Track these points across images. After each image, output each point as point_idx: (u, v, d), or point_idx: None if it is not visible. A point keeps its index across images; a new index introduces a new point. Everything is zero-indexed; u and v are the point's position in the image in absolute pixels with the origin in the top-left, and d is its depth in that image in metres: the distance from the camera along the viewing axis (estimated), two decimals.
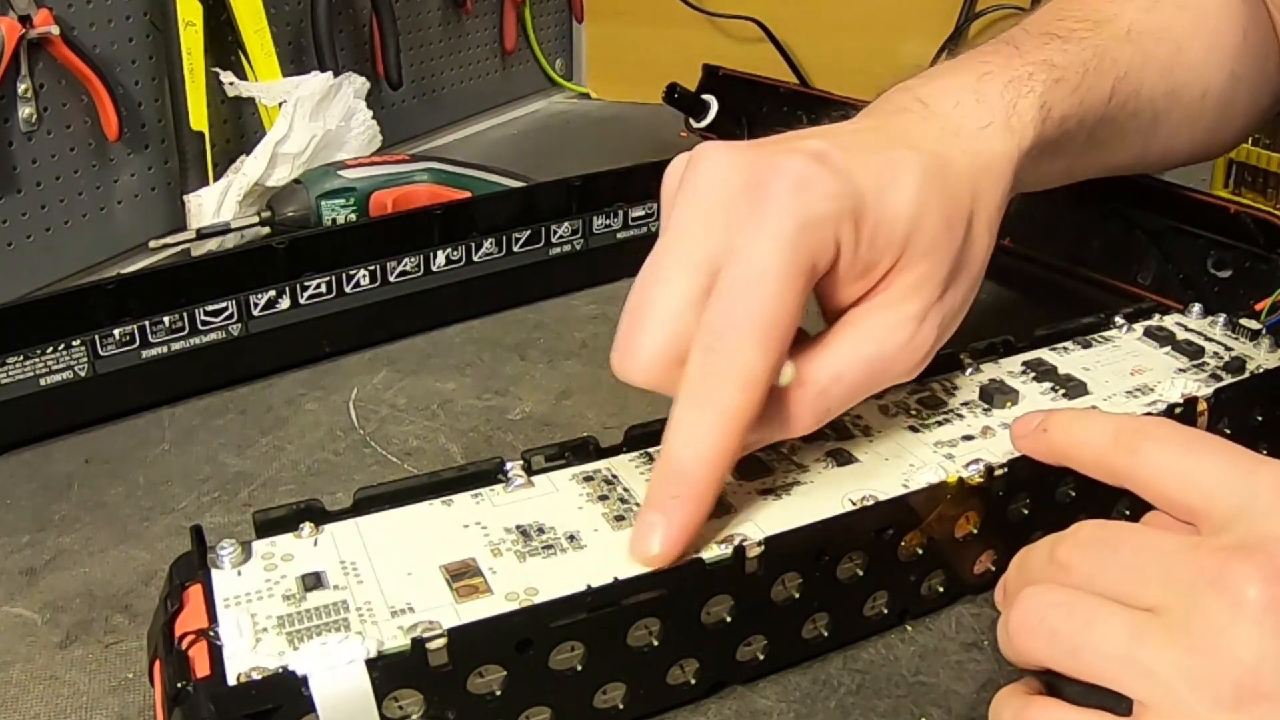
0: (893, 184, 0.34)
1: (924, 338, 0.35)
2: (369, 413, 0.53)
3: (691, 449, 0.32)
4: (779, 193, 0.32)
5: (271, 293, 0.54)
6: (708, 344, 0.32)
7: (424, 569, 0.32)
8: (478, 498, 0.35)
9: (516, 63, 1.10)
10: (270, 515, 0.33)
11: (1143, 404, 0.40)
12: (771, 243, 0.32)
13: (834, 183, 0.33)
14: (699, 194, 0.34)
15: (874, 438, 0.38)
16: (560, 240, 0.63)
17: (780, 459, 0.37)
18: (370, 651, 0.28)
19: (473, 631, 0.29)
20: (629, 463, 0.37)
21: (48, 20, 0.63)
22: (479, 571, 0.31)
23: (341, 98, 0.75)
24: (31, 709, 0.35)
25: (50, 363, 0.48)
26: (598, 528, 0.34)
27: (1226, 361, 0.43)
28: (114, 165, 0.71)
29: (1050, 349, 0.44)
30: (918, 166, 0.35)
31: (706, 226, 0.33)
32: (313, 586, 0.31)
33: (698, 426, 0.32)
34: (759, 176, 0.33)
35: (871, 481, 0.36)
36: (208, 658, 0.28)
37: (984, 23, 1.01)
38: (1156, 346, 0.44)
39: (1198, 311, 0.47)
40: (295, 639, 0.29)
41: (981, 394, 0.41)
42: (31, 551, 0.43)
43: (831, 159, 0.33)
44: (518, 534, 0.33)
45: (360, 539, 0.33)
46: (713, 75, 0.84)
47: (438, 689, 0.29)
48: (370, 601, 0.30)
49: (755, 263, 0.32)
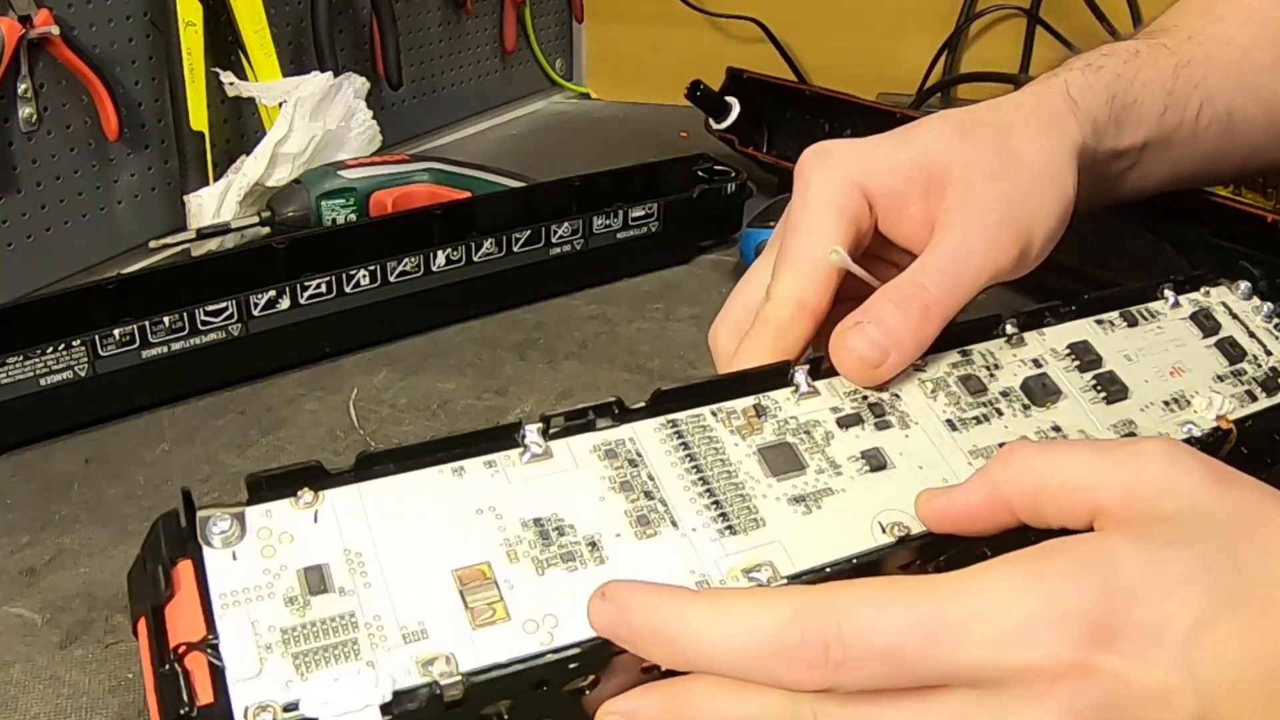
0: (904, 140, 0.41)
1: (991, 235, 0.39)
2: (369, 413, 0.53)
3: (776, 290, 0.40)
4: (805, 167, 0.42)
5: (271, 293, 0.54)
6: (780, 242, 0.41)
7: (435, 572, 0.30)
8: (492, 468, 0.33)
9: (516, 63, 1.10)
10: (265, 476, 0.31)
11: (1179, 420, 0.40)
12: (804, 194, 0.41)
13: (843, 149, 0.41)
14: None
15: (910, 431, 0.37)
16: (560, 240, 0.63)
17: (814, 449, 0.36)
18: (385, 695, 0.27)
19: (490, 679, 0.28)
20: (654, 433, 0.35)
21: (48, 20, 0.63)
22: (495, 584, 0.30)
23: (341, 98, 0.75)
24: (31, 709, 0.36)
25: (50, 363, 0.48)
26: (619, 532, 0.32)
27: (1264, 374, 0.42)
28: (114, 165, 0.71)
29: (1096, 321, 0.43)
30: (932, 122, 0.42)
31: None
32: (317, 588, 0.29)
33: (779, 283, 0.40)
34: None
35: (904, 497, 0.34)
36: (209, 679, 0.27)
37: (984, 23, 1.01)
38: (1200, 337, 0.43)
39: (1244, 290, 0.46)
40: (303, 664, 0.28)
41: (1024, 386, 0.39)
42: (31, 551, 0.43)
43: (837, 142, 0.42)
44: (535, 533, 0.31)
45: (365, 517, 0.31)
46: (736, 77, 0.84)
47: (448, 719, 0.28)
48: (380, 616, 0.29)
49: (801, 205, 0.41)
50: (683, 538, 0.32)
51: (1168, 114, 0.45)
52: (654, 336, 0.61)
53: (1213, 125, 0.47)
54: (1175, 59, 0.46)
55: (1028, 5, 0.99)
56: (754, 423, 0.36)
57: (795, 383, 0.37)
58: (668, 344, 0.60)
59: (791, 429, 0.36)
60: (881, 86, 0.97)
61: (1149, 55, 0.46)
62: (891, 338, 0.37)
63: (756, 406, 0.37)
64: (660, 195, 0.68)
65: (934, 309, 0.37)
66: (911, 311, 0.37)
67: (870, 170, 0.40)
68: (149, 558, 0.30)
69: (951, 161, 0.40)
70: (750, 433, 0.36)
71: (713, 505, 0.33)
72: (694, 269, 0.70)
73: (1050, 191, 0.40)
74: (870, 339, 0.36)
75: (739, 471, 0.34)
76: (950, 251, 0.38)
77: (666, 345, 0.60)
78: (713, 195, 0.69)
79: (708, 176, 0.71)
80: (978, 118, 0.42)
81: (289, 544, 0.30)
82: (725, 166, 0.72)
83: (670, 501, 0.33)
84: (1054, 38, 0.96)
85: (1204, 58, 0.47)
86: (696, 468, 0.34)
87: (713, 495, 0.33)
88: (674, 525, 0.32)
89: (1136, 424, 0.39)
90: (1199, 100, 0.46)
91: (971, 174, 0.40)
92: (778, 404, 0.37)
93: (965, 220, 0.39)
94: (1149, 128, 0.45)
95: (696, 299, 0.65)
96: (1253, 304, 0.46)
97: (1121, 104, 0.44)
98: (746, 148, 0.82)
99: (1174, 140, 0.46)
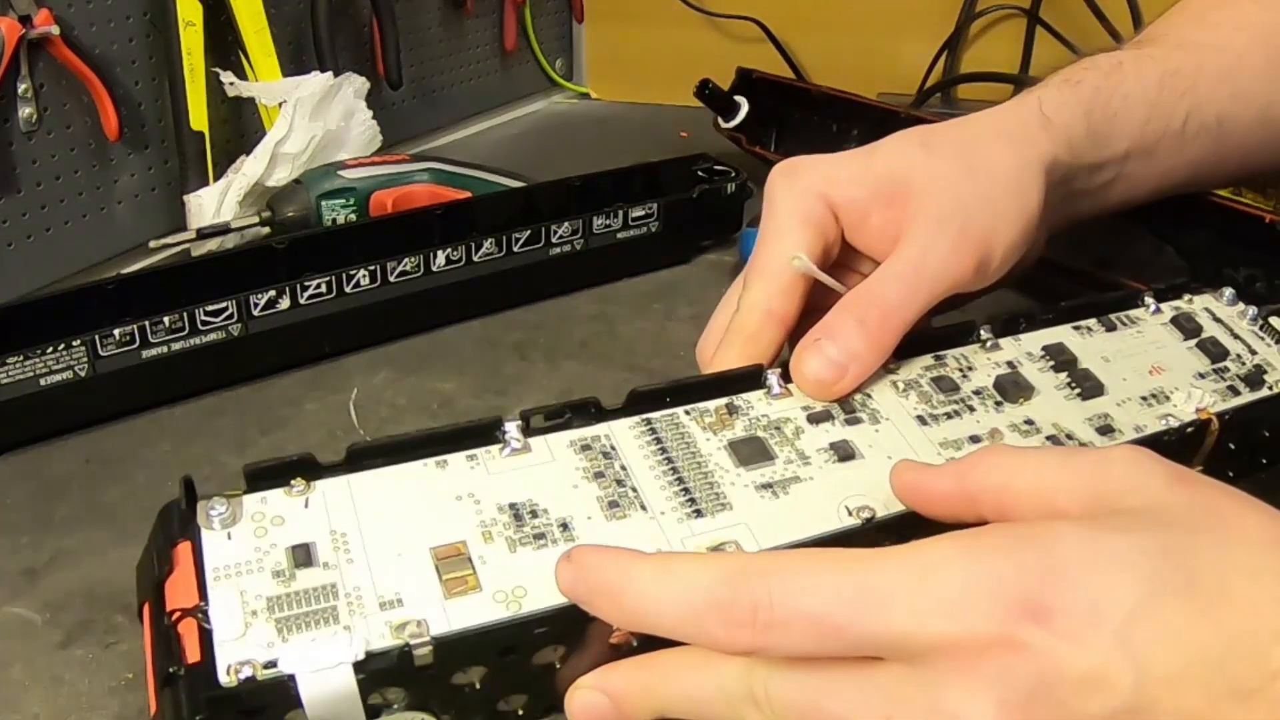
0: (869, 153, 0.42)
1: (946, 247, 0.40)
2: (369, 413, 0.53)
3: (745, 299, 0.41)
4: (772, 182, 0.43)
5: (271, 293, 0.54)
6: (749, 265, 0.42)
7: (414, 549, 0.31)
8: (473, 461, 0.34)
9: (516, 63, 1.10)
10: (262, 466, 0.33)
11: (1157, 414, 0.39)
12: (771, 208, 0.42)
13: (809, 164, 0.42)
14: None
15: (880, 425, 0.38)
16: (560, 240, 0.63)
17: (784, 442, 0.36)
18: (358, 654, 0.28)
19: (459, 641, 0.29)
20: (629, 430, 0.36)
21: (48, 20, 0.63)
22: (469, 560, 0.31)
23: (341, 98, 0.75)
24: (31, 709, 0.36)
25: (50, 363, 0.48)
26: (591, 515, 0.33)
27: (1248, 371, 0.42)
28: (114, 165, 0.71)
29: (1074, 327, 0.43)
30: (898, 136, 0.43)
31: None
32: (303, 563, 0.31)
33: (748, 292, 0.41)
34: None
35: (872, 484, 0.35)
36: (198, 641, 0.28)
37: (984, 23, 1.01)
38: (1181, 339, 0.43)
39: (1229, 297, 0.45)
40: (284, 628, 0.29)
41: (996, 384, 0.40)
42: (31, 551, 0.43)
43: (804, 158, 0.43)
44: (510, 515, 0.33)
45: (352, 502, 0.33)
46: (746, 77, 0.84)
47: (420, 685, 0.29)
48: (360, 588, 0.30)
49: (769, 217, 0.42)
50: (651, 520, 0.33)
51: (1151, 125, 0.45)
52: (654, 336, 0.61)
53: (1201, 134, 0.47)
54: (1162, 69, 0.46)
55: (1028, 5, 0.99)
56: (725, 420, 0.37)
57: (768, 384, 0.38)
58: (668, 344, 0.60)
59: (762, 425, 0.37)
60: (881, 86, 0.97)
61: (1133, 66, 0.46)
62: (849, 353, 0.38)
63: (729, 405, 0.38)
64: (660, 195, 0.68)
65: (893, 316, 0.38)
66: (870, 321, 0.38)
67: (835, 182, 0.41)
68: (154, 543, 0.32)
69: (914, 173, 0.41)
70: (721, 428, 0.37)
71: (682, 492, 0.34)
72: (694, 269, 0.70)
73: (1012, 204, 0.41)
74: (827, 358, 0.37)
75: (709, 462, 0.36)
76: (910, 260, 0.39)
77: (666, 345, 0.60)
78: (713, 195, 0.69)
79: (708, 176, 0.71)
80: (943, 132, 0.43)
81: (280, 525, 0.32)
82: (725, 166, 0.72)
83: (641, 488, 0.34)
84: (1054, 38, 0.96)
85: (1193, 66, 0.47)
86: (668, 459, 0.35)
87: (682, 483, 0.35)
88: (643, 509, 0.34)
89: (1113, 418, 0.39)
90: (1185, 109, 0.46)
91: (933, 184, 0.41)
92: (750, 404, 0.38)
93: (925, 230, 0.40)
94: (1130, 140, 0.45)
95: (696, 299, 0.65)
96: (1238, 309, 0.45)
97: (1101, 117, 0.44)
98: (754, 146, 0.82)
99: (1158, 150, 0.46)
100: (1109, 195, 0.47)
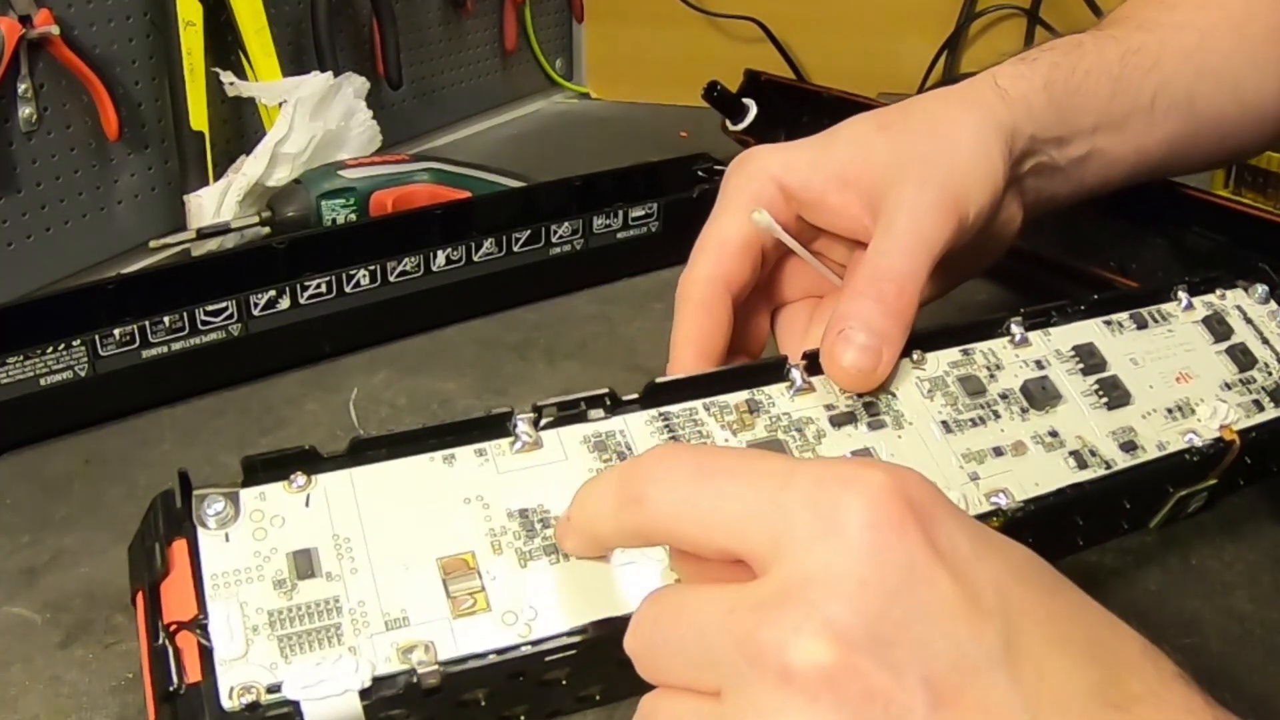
0: (826, 136, 0.42)
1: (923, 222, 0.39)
2: (369, 413, 0.53)
3: (691, 272, 0.41)
4: (728, 172, 0.44)
5: (271, 293, 0.54)
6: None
7: (420, 560, 0.31)
8: (482, 456, 0.33)
9: (516, 63, 1.10)
10: (260, 459, 0.31)
11: (1180, 429, 0.39)
12: (723, 192, 0.44)
13: (763, 152, 0.43)
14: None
15: (904, 431, 0.37)
16: (560, 240, 0.63)
17: (805, 447, 0.36)
18: (364, 681, 0.28)
19: (467, 669, 0.29)
20: (645, 425, 0.35)
21: (48, 20, 0.63)
22: (478, 574, 0.31)
23: (341, 98, 0.75)
24: (31, 709, 0.36)
25: (50, 363, 0.48)
26: None
27: (1275, 385, 0.42)
28: (114, 165, 0.71)
29: (1105, 322, 0.42)
30: (853, 120, 0.43)
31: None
32: (305, 572, 0.30)
33: (693, 265, 0.41)
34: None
35: None
36: (198, 657, 0.28)
37: (984, 22, 1.01)
38: (1211, 342, 0.43)
39: (1261, 294, 0.45)
40: (287, 647, 0.28)
41: (1024, 389, 0.39)
42: (31, 551, 0.43)
43: (760, 147, 0.44)
44: (520, 523, 0.32)
45: (355, 501, 0.31)
46: (754, 80, 0.84)
47: (426, 705, 0.29)
48: (364, 602, 0.29)
49: (719, 200, 0.44)
50: None
51: (1117, 100, 0.45)
52: (654, 336, 0.61)
53: (1172, 111, 0.46)
54: (1124, 47, 0.46)
55: (1028, 5, 0.99)
56: (746, 418, 0.36)
57: (790, 378, 0.37)
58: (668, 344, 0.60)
59: (783, 425, 0.36)
60: (881, 86, 0.97)
61: (1093, 45, 0.46)
62: (879, 335, 0.37)
63: (750, 401, 0.37)
64: (660, 195, 0.68)
65: (908, 286, 0.38)
66: (888, 297, 0.37)
67: (789, 166, 0.42)
68: (147, 534, 0.31)
69: (875, 151, 0.41)
70: (742, 429, 0.36)
71: None
72: None
73: (978, 164, 0.41)
74: (860, 345, 0.37)
75: None
76: (905, 228, 0.39)
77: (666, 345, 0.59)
78: (713, 195, 0.68)
79: (708, 176, 0.71)
80: (899, 109, 0.43)
81: (280, 527, 0.31)
82: (725, 166, 0.72)
83: None
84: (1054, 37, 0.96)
85: (1155, 44, 0.46)
86: None
87: None
88: None
89: (1136, 431, 0.39)
90: (1152, 87, 0.46)
91: (901, 155, 0.40)
92: (771, 399, 0.37)
93: (910, 196, 0.39)
94: (1096, 114, 0.45)
95: None
96: (1269, 308, 0.45)
97: (1062, 90, 0.44)
98: None
99: (1128, 126, 0.46)
100: (1084, 174, 0.46)
